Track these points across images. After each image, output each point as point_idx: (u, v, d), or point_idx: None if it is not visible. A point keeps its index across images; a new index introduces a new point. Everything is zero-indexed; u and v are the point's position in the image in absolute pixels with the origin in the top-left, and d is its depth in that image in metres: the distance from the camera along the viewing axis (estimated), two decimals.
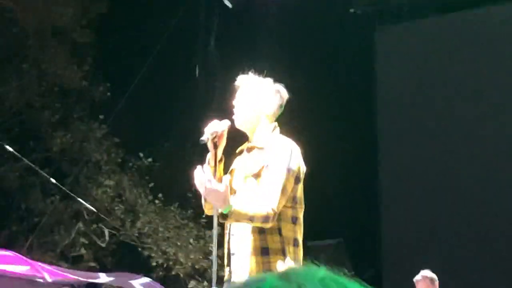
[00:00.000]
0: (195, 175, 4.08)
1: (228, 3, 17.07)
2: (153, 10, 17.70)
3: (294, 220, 4.35)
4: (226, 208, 4.01)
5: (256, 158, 4.34)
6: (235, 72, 4.69)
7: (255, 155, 4.38)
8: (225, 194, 3.99)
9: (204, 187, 4.03)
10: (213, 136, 4.29)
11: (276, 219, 4.21)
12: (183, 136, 16.60)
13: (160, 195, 16.62)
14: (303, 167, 4.42)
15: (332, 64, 17.66)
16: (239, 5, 17.43)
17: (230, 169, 4.49)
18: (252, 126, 4.48)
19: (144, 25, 17.66)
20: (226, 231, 4.39)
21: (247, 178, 4.31)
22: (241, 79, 4.54)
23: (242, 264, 4.24)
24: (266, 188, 4.21)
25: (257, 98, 4.50)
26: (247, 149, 4.46)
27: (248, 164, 4.37)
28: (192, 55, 17.99)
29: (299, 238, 4.35)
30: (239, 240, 4.30)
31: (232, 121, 4.47)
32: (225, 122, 4.38)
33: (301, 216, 4.40)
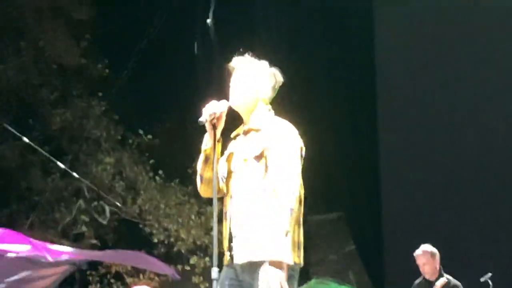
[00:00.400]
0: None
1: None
2: None
3: (299, 200, 4.32)
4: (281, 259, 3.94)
5: (254, 140, 4.28)
6: (234, 49, 4.66)
7: (252, 137, 4.32)
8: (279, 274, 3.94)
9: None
10: (212, 118, 4.26)
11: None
12: (182, 113, 16.56)
13: (160, 171, 16.60)
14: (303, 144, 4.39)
15: (332, 37, 17.57)
16: None
17: (228, 152, 4.46)
18: (249, 108, 4.44)
19: (143, 1, 17.58)
20: (225, 212, 4.36)
21: (246, 161, 4.24)
22: (237, 60, 4.51)
23: (245, 247, 4.21)
24: (282, 171, 4.11)
25: (254, 80, 4.46)
26: (244, 132, 4.42)
27: (246, 147, 4.31)
28: (191, 32, 17.90)
29: (301, 218, 4.32)
30: (241, 222, 4.27)
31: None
32: (224, 103, 4.34)
33: (302, 194, 4.38)
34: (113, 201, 16.09)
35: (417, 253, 9.05)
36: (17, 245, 9.48)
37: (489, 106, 14.94)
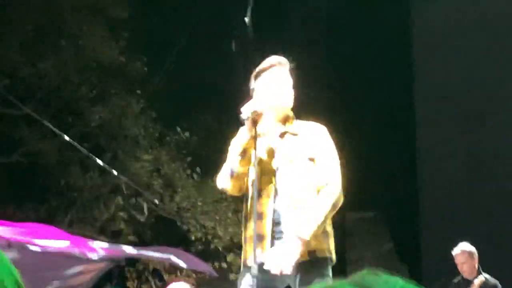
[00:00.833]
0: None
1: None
2: None
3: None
4: (299, 242, 4.17)
5: (297, 143, 4.48)
6: (272, 47, 4.71)
7: (292, 141, 4.50)
8: (295, 255, 4.16)
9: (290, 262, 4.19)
10: (254, 115, 4.37)
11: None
12: (220, 110, 16.60)
13: (198, 169, 16.64)
14: None
15: (371, 36, 17.51)
16: None
17: (267, 148, 4.51)
18: (285, 112, 4.56)
19: None
20: (261, 212, 4.40)
21: (293, 162, 4.43)
22: (277, 60, 4.59)
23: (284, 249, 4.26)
24: (329, 170, 4.40)
25: (291, 85, 4.61)
26: (281, 134, 4.50)
27: (289, 148, 4.48)
28: (229, 29, 17.93)
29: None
30: (291, 219, 4.32)
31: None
32: (266, 102, 4.43)
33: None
34: (151, 198, 16.17)
35: (456, 252, 9.01)
36: (56, 241, 9.55)
37: None
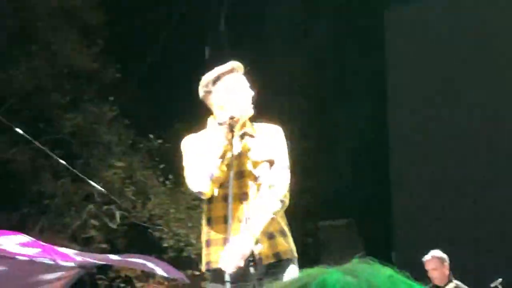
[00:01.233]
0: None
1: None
2: None
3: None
4: (252, 239, 4.25)
5: (256, 144, 4.58)
6: (245, 55, 4.75)
7: (252, 142, 4.60)
8: (248, 245, 4.23)
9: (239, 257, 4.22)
10: (231, 120, 4.48)
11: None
12: (193, 117, 16.55)
13: (170, 176, 16.61)
14: None
15: (344, 40, 17.57)
16: None
17: (242, 151, 4.57)
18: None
19: (155, 6, 17.62)
20: (229, 214, 4.44)
21: (257, 164, 4.53)
22: (237, 65, 4.72)
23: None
24: (279, 169, 4.52)
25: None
26: (241, 135, 4.60)
27: (252, 150, 4.57)
28: (202, 37, 17.92)
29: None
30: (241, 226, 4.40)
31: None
32: (246, 108, 4.59)
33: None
34: (123, 206, 16.12)
35: (426, 258, 9.03)
36: (27, 248, 9.49)
37: (504, 104, 14.85)
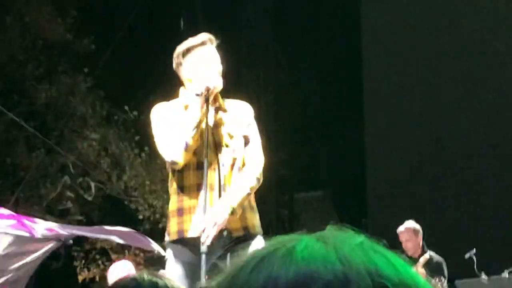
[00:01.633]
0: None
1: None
2: None
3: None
4: (230, 209, 4.36)
5: (230, 119, 4.68)
6: (220, 25, 4.75)
7: (225, 117, 4.69)
8: (225, 216, 4.33)
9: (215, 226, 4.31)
10: (207, 91, 4.53)
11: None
12: (168, 89, 16.49)
13: (146, 148, 16.57)
14: None
15: (319, 18, 17.56)
16: None
17: (216, 122, 4.60)
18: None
19: None
20: (207, 183, 4.49)
21: (233, 137, 4.62)
22: (209, 37, 4.76)
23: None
24: (256, 148, 4.65)
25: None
26: (215, 108, 4.68)
27: (226, 124, 4.66)
28: (177, 7, 17.83)
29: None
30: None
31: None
32: (219, 81, 4.64)
33: None
34: (98, 178, 16.08)
35: (400, 229, 9.07)
36: (2, 220, 9.46)
37: (480, 84, 14.91)
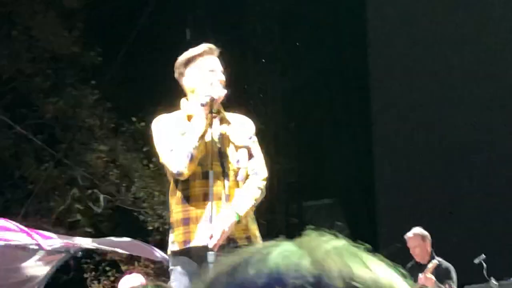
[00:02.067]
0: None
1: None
2: None
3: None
4: (236, 217, 4.45)
5: (234, 130, 4.80)
6: (226, 36, 4.79)
7: (229, 127, 4.82)
8: (232, 224, 4.43)
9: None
10: (211, 101, 4.66)
11: None
12: (175, 100, 16.50)
13: (154, 159, 16.57)
14: None
15: (324, 25, 17.54)
16: None
17: (220, 133, 4.64)
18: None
19: None
20: (211, 193, 4.53)
21: (238, 148, 4.74)
22: (210, 47, 4.83)
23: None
24: (259, 161, 4.77)
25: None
26: (220, 119, 4.81)
27: (230, 135, 4.78)
28: (183, 19, 17.86)
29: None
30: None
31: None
32: (222, 90, 4.76)
33: None
34: (107, 189, 16.09)
35: (408, 235, 9.06)
36: (12, 233, 9.48)
37: (486, 77, 14.83)
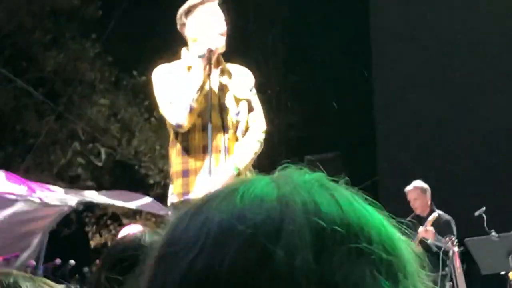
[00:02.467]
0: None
1: None
2: None
3: None
4: (235, 170, 4.48)
5: (234, 82, 4.76)
6: None
7: (229, 79, 4.77)
8: (231, 177, 4.41)
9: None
10: (209, 53, 4.61)
11: None
12: (176, 53, 16.47)
13: (155, 113, 16.57)
14: None
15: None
16: None
17: (220, 84, 4.65)
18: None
19: None
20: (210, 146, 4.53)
21: (240, 101, 4.73)
22: None
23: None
24: (259, 113, 4.80)
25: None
26: (221, 71, 4.76)
27: (231, 86, 4.74)
28: None
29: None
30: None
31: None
32: (222, 42, 4.69)
33: None
34: (108, 143, 16.11)
35: (408, 188, 9.11)
36: (13, 186, 9.53)
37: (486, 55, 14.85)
